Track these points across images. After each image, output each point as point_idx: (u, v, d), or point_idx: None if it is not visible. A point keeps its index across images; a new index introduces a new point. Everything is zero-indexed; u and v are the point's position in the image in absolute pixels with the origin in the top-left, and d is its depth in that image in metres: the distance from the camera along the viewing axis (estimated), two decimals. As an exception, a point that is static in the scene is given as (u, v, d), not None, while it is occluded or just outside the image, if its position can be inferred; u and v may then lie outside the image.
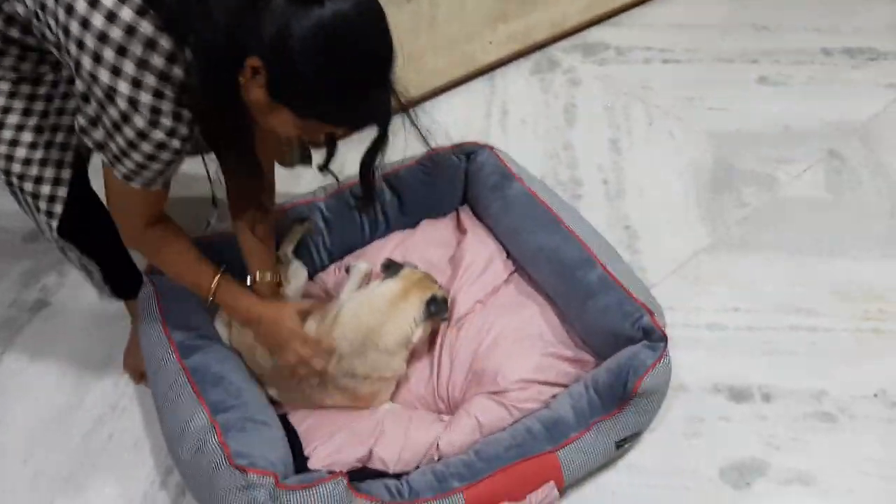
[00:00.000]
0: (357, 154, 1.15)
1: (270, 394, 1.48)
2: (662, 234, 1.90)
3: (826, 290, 1.74)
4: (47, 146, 1.21)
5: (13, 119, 1.17)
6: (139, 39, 0.94)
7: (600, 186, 2.04)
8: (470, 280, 1.61)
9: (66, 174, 1.26)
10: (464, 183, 1.82)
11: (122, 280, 1.58)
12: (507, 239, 1.71)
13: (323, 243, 1.76)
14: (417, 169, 1.78)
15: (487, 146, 1.80)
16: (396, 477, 1.30)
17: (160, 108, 0.99)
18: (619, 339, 1.43)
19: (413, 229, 1.80)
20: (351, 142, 1.19)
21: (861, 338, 1.64)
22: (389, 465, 1.32)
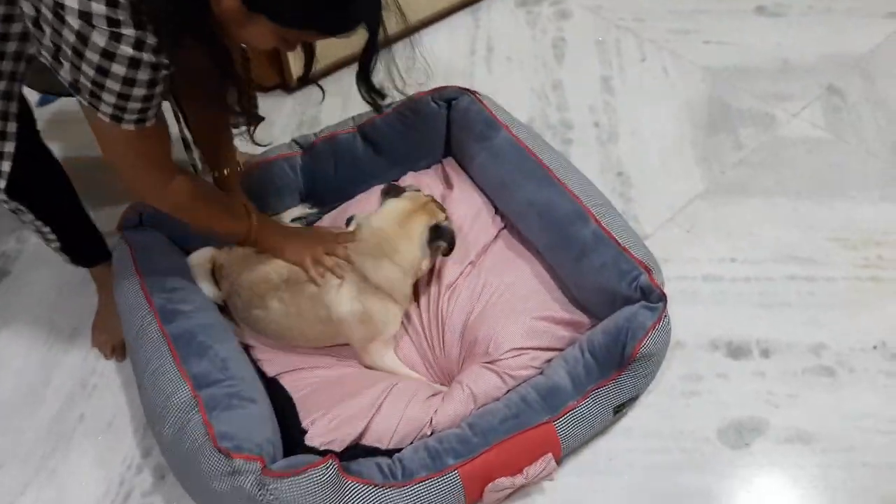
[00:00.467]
0: (334, 106, 1.05)
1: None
2: (657, 181, 1.82)
3: (824, 235, 1.69)
4: None
5: None
6: None
7: (592, 130, 1.94)
8: (459, 240, 1.52)
9: (11, 127, 1.15)
10: (446, 132, 1.71)
11: (82, 245, 1.48)
12: (495, 193, 1.62)
13: (301, 198, 1.68)
14: (394, 118, 1.67)
15: (469, 91, 1.68)
16: (388, 454, 1.25)
17: (117, 18, 0.89)
18: (615, 298, 1.36)
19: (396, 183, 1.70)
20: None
21: (860, 287, 1.59)
22: (384, 442, 1.26)
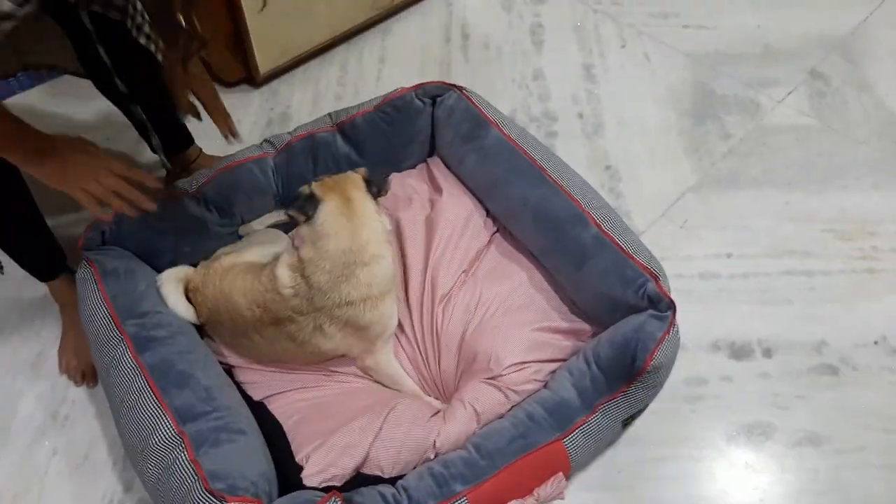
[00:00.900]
0: (304, 101, 0.96)
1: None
2: (646, 174, 1.77)
3: (819, 227, 1.66)
4: None
5: None
6: None
7: (576, 121, 1.87)
8: (451, 247, 1.44)
9: None
10: (430, 131, 1.62)
11: (36, 256, 1.35)
12: (487, 195, 1.54)
13: (276, 199, 1.58)
14: (376, 116, 1.57)
15: (456, 87, 1.59)
16: (391, 482, 1.18)
17: None
18: (618, 305, 1.31)
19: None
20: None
21: (857, 280, 1.57)
22: (385, 470, 1.19)
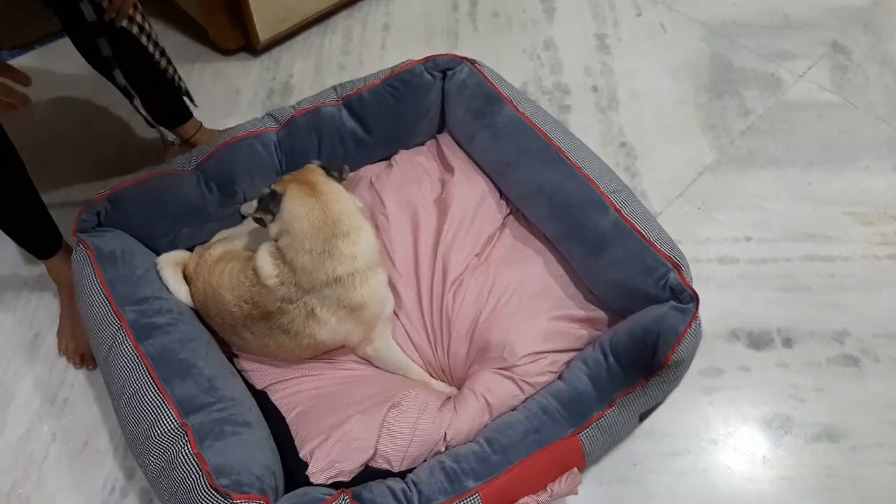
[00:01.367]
0: (306, 70, 0.90)
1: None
2: (662, 151, 1.70)
3: (839, 210, 1.61)
4: None
5: None
6: None
7: (590, 95, 1.80)
8: (464, 230, 1.39)
9: None
10: (440, 106, 1.55)
11: (30, 233, 1.30)
12: (499, 176, 1.48)
13: (280, 176, 1.49)
14: (383, 90, 1.50)
15: (467, 60, 1.51)
16: (401, 476, 1.14)
17: None
18: (637, 295, 1.26)
19: (386, 163, 1.55)
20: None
21: (878, 266, 1.53)
22: (394, 464, 1.16)
